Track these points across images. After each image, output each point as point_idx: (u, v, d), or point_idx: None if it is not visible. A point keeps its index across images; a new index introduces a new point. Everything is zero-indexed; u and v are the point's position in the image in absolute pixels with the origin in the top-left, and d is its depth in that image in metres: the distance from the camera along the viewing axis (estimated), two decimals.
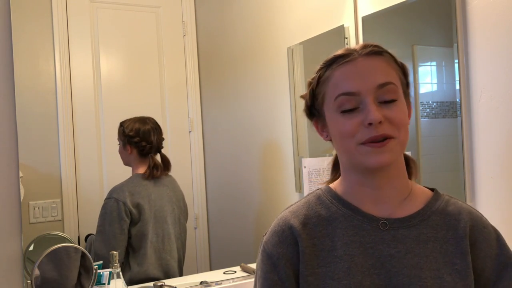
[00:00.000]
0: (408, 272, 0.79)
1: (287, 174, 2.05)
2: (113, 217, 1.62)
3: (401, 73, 0.85)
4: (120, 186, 1.66)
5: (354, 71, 0.81)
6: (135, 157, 1.72)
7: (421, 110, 1.72)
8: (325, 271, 0.81)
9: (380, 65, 0.81)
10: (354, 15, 1.80)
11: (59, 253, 1.26)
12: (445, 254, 0.81)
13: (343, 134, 0.81)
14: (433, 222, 0.83)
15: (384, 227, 0.82)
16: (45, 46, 1.68)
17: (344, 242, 0.82)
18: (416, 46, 1.75)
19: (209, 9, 2.10)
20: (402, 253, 0.80)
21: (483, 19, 1.46)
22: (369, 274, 0.80)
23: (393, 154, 0.79)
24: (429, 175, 1.69)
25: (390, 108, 0.79)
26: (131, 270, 1.62)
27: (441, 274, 0.79)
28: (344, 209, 0.85)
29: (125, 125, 1.71)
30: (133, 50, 1.90)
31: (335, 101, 0.81)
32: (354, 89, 0.79)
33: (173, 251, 1.73)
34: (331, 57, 0.84)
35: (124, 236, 1.62)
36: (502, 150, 1.43)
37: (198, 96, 1.99)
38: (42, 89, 1.67)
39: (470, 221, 0.83)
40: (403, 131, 0.80)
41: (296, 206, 0.89)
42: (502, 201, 1.43)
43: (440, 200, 0.86)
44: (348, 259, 0.81)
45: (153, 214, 1.68)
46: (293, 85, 2.02)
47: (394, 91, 0.80)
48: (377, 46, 0.84)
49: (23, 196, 1.30)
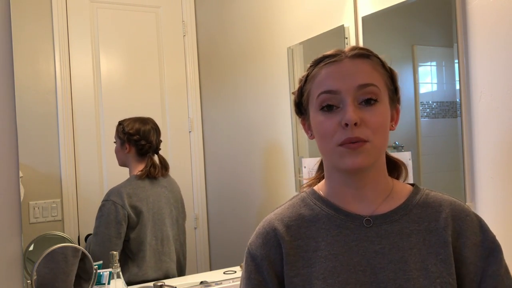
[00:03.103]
0: (393, 267, 0.80)
1: (287, 174, 2.05)
2: (109, 220, 1.60)
3: (388, 78, 0.86)
4: (118, 188, 1.65)
5: (338, 71, 0.82)
6: (132, 156, 1.71)
7: (421, 110, 1.72)
8: (310, 271, 0.83)
9: (364, 68, 0.83)
10: (354, 15, 1.80)
11: (57, 254, 1.26)
12: (428, 245, 0.82)
13: (322, 133, 0.83)
14: (415, 216, 0.85)
15: (368, 224, 0.84)
16: (45, 46, 1.68)
17: (328, 242, 0.84)
18: (416, 46, 1.75)
19: (209, 9, 2.10)
20: (386, 248, 0.82)
21: (483, 19, 1.46)
22: (354, 271, 0.81)
23: (368, 157, 0.80)
24: (429, 175, 1.70)
25: (369, 110, 0.80)
26: (129, 273, 1.61)
27: (425, 265, 0.80)
28: (328, 210, 0.87)
29: (124, 123, 1.70)
30: (133, 50, 1.90)
31: (317, 99, 0.83)
32: (334, 87, 0.81)
33: (171, 253, 1.72)
34: (320, 57, 0.86)
35: (120, 240, 1.61)
36: (502, 150, 1.43)
37: (198, 96, 1.99)
38: (42, 89, 1.67)
39: (452, 211, 0.85)
40: (380, 134, 0.81)
41: (281, 208, 0.91)
42: (502, 201, 1.43)
43: (420, 193, 0.88)
44: (333, 258, 0.82)
45: (152, 217, 1.68)
46: (293, 85, 2.02)
47: (375, 93, 0.81)
48: (365, 49, 0.85)
49: (23, 196, 1.30)
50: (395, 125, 0.88)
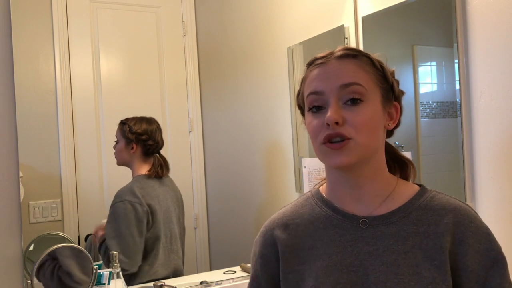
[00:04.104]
0: (385, 269, 0.80)
1: (287, 174, 2.05)
2: (129, 220, 1.59)
3: (380, 76, 0.85)
4: (130, 188, 1.64)
5: (323, 72, 0.84)
6: (138, 156, 1.71)
7: (421, 110, 1.72)
8: (304, 268, 0.85)
9: (349, 67, 0.83)
10: (354, 15, 1.80)
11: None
12: (425, 249, 0.81)
13: (310, 133, 0.85)
14: (415, 218, 0.83)
15: (364, 225, 0.84)
16: (45, 46, 1.68)
17: (325, 242, 0.85)
18: (416, 46, 1.75)
19: (209, 9, 2.10)
20: (380, 250, 0.81)
21: (483, 19, 1.46)
22: (346, 271, 0.81)
23: (352, 155, 0.80)
24: (429, 175, 1.70)
25: (353, 110, 0.80)
26: (141, 271, 1.61)
27: (419, 269, 0.79)
28: (327, 210, 0.88)
29: (131, 123, 1.70)
30: (133, 50, 1.90)
31: (306, 100, 0.85)
32: (319, 88, 0.82)
33: (179, 250, 1.74)
34: (312, 58, 0.88)
35: (142, 238, 1.60)
36: (502, 150, 1.43)
37: (198, 96, 1.99)
38: (42, 89, 1.67)
39: (455, 217, 0.83)
40: (364, 133, 0.80)
41: (285, 208, 0.94)
42: (502, 201, 1.43)
43: (425, 196, 0.86)
44: (327, 258, 0.84)
45: (162, 215, 1.68)
46: (293, 85, 2.02)
47: (359, 92, 0.81)
48: (353, 49, 0.86)
49: (23, 196, 1.30)
50: (393, 124, 0.87)
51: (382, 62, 0.87)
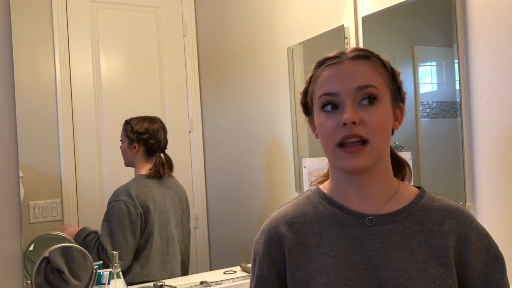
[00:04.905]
0: (394, 265, 0.81)
1: (287, 174, 2.05)
2: (122, 220, 1.59)
3: (390, 78, 0.86)
4: (126, 188, 1.64)
5: (338, 73, 0.84)
6: (141, 155, 1.71)
7: (421, 110, 1.72)
8: (312, 266, 0.84)
9: (363, 69, 0.84)
10: (354, 15, 1.80)
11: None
12: (430, 247, 0.83)
13: (323, 133, 0.85)
14: (419, 217, 0.85)
15: (370, 223, 0.85)
16: (45, 46, 1.68)
17: (331, 239, 0.85)
18: (416, 46, 1.75)
19: (209, 9, 2.10)
20: (388, 247, 0.83)
21: (483, 19, 1.46)
22: (356, 268, 0.82)
23: (367, 159, 0.81)
24: (429, 175, 1.70)
25: (369, 111, 0.81)
26: (132, 272, 1.61)
27: (426, 266, 0.81)
28: (331, 208, 0.88)
29: (133, 123, 1.70)
30: (133, 50, 1.90)
31: (318, 100, 0.85)
32: (334, 89, 0.83)
33: (176, 253, 1.72)
34: (323, 58, 0.88)
35: (135, 238, 1.60)
36: (502, 150, 1.43)
37: (198, 96, 1.99)
38: (42, 89, 1.67)
39: (457, 217, 0.86)
40: (379, 135, 0.82)
41: (286, 206, 0.93)
42: (502, 201, 1.43)
43: (426, 197, 0.88)
44: (335, 255, 0.84)
45: (158, 216, 1.68)
46: (293, 85, 2.02)
47: (374, 94, 0.82)
48: (366, 50, 0.86)
49: (23, 196, 1.30)
50: (399, 125, 0.89)
51: (390, 64, 0.88)
